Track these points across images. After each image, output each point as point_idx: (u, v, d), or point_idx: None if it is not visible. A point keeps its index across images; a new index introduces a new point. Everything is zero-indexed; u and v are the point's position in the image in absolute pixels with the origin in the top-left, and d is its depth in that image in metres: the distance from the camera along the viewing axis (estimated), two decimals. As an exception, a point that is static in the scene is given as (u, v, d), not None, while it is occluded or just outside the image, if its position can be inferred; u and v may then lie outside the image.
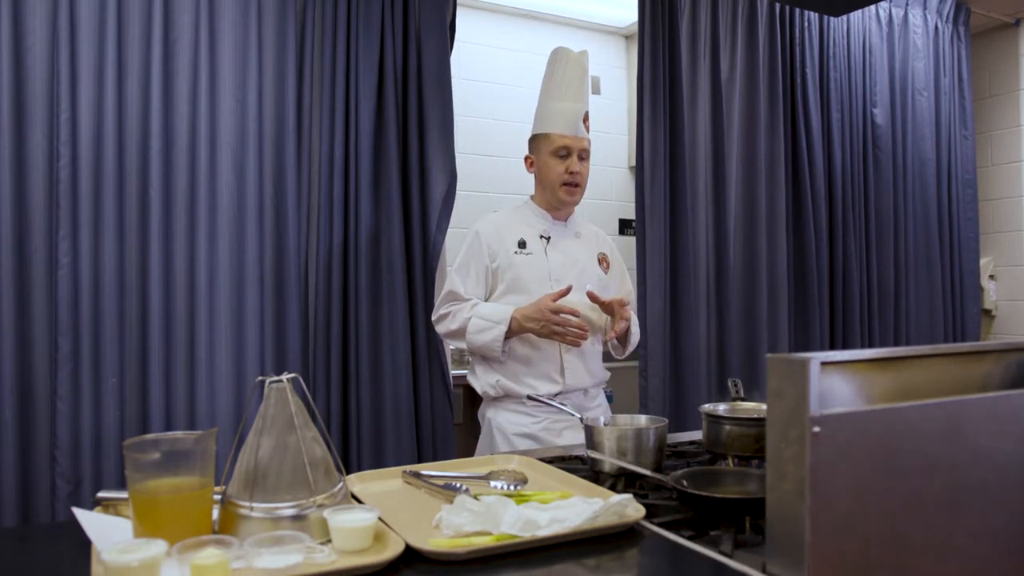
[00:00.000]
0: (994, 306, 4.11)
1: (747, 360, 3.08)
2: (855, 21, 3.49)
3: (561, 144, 1.99)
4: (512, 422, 1.95)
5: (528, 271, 1.98)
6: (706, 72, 3.04)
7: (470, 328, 1.92)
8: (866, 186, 3.49)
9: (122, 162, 2.10)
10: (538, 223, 2.05)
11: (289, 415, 1.02)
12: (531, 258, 2.00)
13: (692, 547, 0.98)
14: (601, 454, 1.32)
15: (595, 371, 2.04)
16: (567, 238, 2.07)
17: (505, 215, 2.11)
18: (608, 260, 2.12)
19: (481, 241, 2.00)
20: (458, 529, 0.98)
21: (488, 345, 1.90)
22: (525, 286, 1.97)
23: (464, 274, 2.00)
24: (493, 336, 1.89)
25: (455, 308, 1.98)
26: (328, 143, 2.38)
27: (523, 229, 2.03)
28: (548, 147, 2.00)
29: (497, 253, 1.99)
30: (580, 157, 2.00)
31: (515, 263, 1.98)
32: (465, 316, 1.94)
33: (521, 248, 2.00)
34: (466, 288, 1.99)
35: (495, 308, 1.94)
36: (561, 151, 1.99)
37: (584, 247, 2.09)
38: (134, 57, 2.12)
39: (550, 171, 2.00)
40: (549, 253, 2.02)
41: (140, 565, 0.78)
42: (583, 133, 2.01)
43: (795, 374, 0.80)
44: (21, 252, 2.00)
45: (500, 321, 1.89)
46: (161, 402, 2.12)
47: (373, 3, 2.43)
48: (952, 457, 0.87)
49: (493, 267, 1.99)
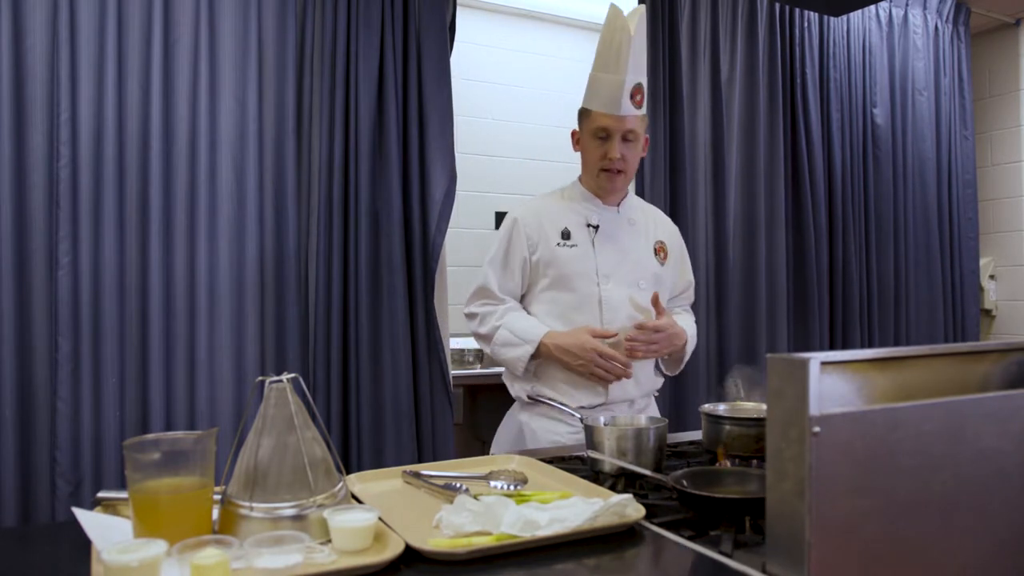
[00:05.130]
0: (994, 306, 4.11)
1: (747, 360, 3.07)
2: (855, 21, 3.49)
3: (600, 124, 1.73)
4: (547, 429, 1.78)
5: (572, 266, 1.76)
6: (706, 72, 3.04)
7: (496, 339, 1.76)
8: (866, 186, 3.49)
9: (122, 162, 2.10)
10: (585, 209, 1.82)
11: (289, 415, 1.02)
12: (576, 251, 1.77)
13: (692, 547, 0.98)
14: (601, 454, 1.32)
15: (643, 381, 1.81)
16: (619, 227, 1.83)
17: (548, 200, 1.86)
18: (666, 249, 1.89)
19: (520, 230, 1.78)
20: (458, 529, 0.98)
21: (512, 362, 1.75)
22: (568, 283, 1.76)
23: (499, 268, 1.79)
24: (518, 355, 1.72)
25: (486, 310, 1.81)
26: (328, 143, 2.37)
27: (568, 216, 1.81)
28: (588, 126, 1.77)
29: (538, 244, 1.77)
30: (625, 139, 1.74)
31: (558, 257, 1.76)
32: (494, 324, 1.78)
33: (565, 239, 1.77)
34: (501, 284, 1.80)
35: (528, 324, 1.75)
36: (600, 132, 1.74)
37: (638, 237, 1.85)
38: (134, 57, 2.12)
39: (589, 154, 1.78)
40: (597, 245, 1.78)
41: (140, 565, 0.78)
42: (630, 111, 1.72)
43: (795, 374, 0.80)
44: (21, 252, 2.00)
45: (529, 341, 1.72)
46: (161, 402, 2.12)
47: (373, 3, 2.43)
48: (952, 457, 0.87)
49: (534, 260, 1.77)
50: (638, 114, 1.75)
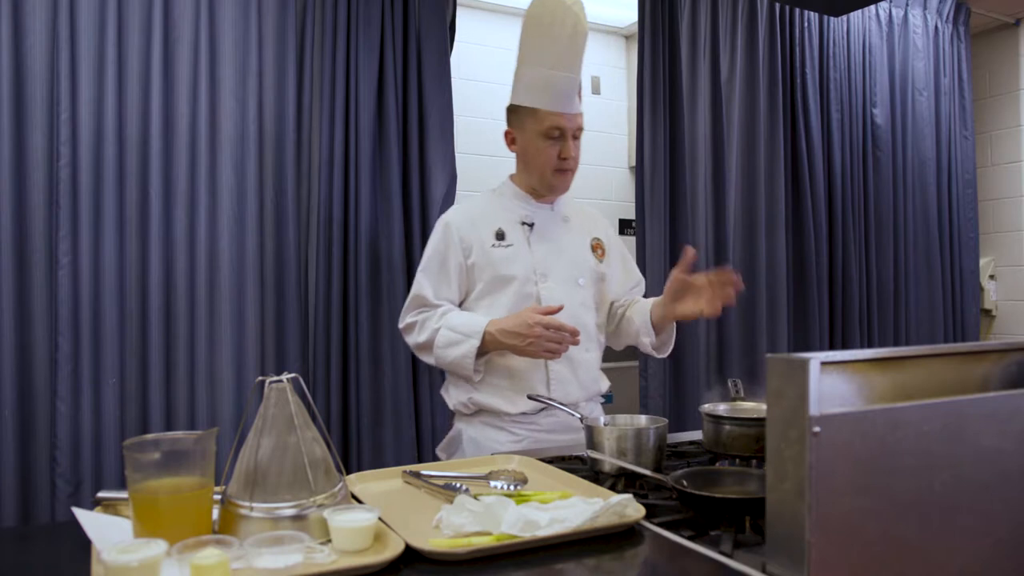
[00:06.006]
0: (994, 306, 4.11)
1: (747, 360, 3.08)
2: (855, 21, 3.49)
3: (554, 124, 1.66)
4: (491, 439, 1.68)
5: (508, 267, 1.69)
6: (706, 72, 3.04)
7: (438, 342, 1.64)
8: (866, 186, 3.49)
9: (122, 162, 2.10)
10: (518, 208, 1.76)
11: (289, 415, 1.02)
12: (512, 251, 1.70)
13: (692, 547, 0.98)
14: (601, 454, 1.32)
15: (587, 383, 1.75)
16: (554, 224, 1.78)
17: (479, 202, 1.81)
18: (603, 246, 1.84)
19: (452, 234, 1.70)
20: (458, 529, 0.98)
21: (458, 362, 1.62)
22: (507, 285, 1.69)
23: (434, 275, 1.71)
24: (463, 352, 1.60)
25: (423, 317, 1.70)
26: (328, 143, 2.37)
27: (501, 216, 1.74)
28: (537, 126, 1.68)
29: (472, 247, 1.70)
30: (575, 136, 1.70)
31: (493, 258, 1.69)
32: (433, 326, 1.66)
33: (500, 240, 1.71)
34: (437, 291, 1.70)
35: (469, 318, 1.65)
36: (553, 132, 1.67)
37: (574, 234, 1.80)
38: (134, 57, 2.12)
39: (539, 154, 1.70)
40: (533, 243, 1.73)
41: (140, 565, 0.78)
42: (579, 108, 1.69)
43: (795, 374, 0.80)
44: (21, 252, 2.00)
45: (472, 334, 1.60)
46: (161, 402, 2.12)
47: (373, 3, 2.43)
48: (952, 457, 0.87)
49: (469, 263, 1.70)
50: (582, 110, 1.71)
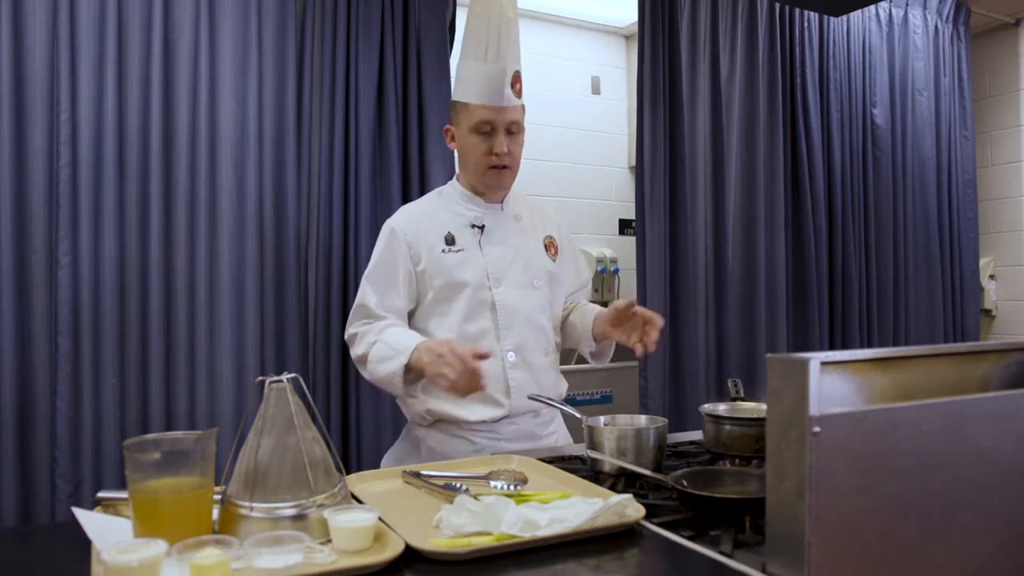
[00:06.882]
0: (994, 306, 4.11)
1: (746, 360, 3.08)
2: (855, 21, 3.49)
3: (482, 118, 1.58)
4: (450, 447, 1.61)
5: (460, 273, 1.60)
6: (706, 72, 3.04)
7: (371, 356, 1.54)
8: (866, 186, 3.49)
9: (122, 162, 2.10)
10: (467, 210, 1.67)
11: (289, 415, 1.02)
12: (463, 256, 1.61)
13: (692, 547, 0.98)
14: (601, 454, 1.32)
15: (546, 387, 1.66)
16: (505, 225, 1.69)
17: (425, 204, 1.72)
18: (556, 244, 1.75)
19: (399, 240, 1.61)
20: (458, 529, 0.98)
21: (387, 379, 1.51)
22: (459, 292, 1.59)
23: (380, 283, 1.61)
24: (391, 369, 1.49)
25: (364, 330, 1.59)
26: (328, 143, 2.37)
27: (450, 220, 1.66)
28: (467, 120, 1.61)
29: (420, 254, 1.61)
30: (509, 131, 1.60)
31: (444, 264, 1.60)
32: (371, 340, 1.56)
33: (449, 245, 1.62)
34: (382, 301, 1.60)
35: (404, 334, 1.54)
36: (483, 127, 1.59)
37: (526, 234, 1.71)
38: (134, 57, 2.12)
39: (471, 151, 1.62)
40: (485, 247, 1.64)
41: (140, 565, 0.78)
42: (512, 100, 1.59)
43: (795, 374, 0.80)
44: (21, 252, 2.00)
45: (403, 350, 1.49)
46: (161, 402, 2.12)
47: (373, 3, 2.43)
48: (952, 457, 0.87)
49: (419, 271, 1.61)
50: (519, 104, 1.63)
